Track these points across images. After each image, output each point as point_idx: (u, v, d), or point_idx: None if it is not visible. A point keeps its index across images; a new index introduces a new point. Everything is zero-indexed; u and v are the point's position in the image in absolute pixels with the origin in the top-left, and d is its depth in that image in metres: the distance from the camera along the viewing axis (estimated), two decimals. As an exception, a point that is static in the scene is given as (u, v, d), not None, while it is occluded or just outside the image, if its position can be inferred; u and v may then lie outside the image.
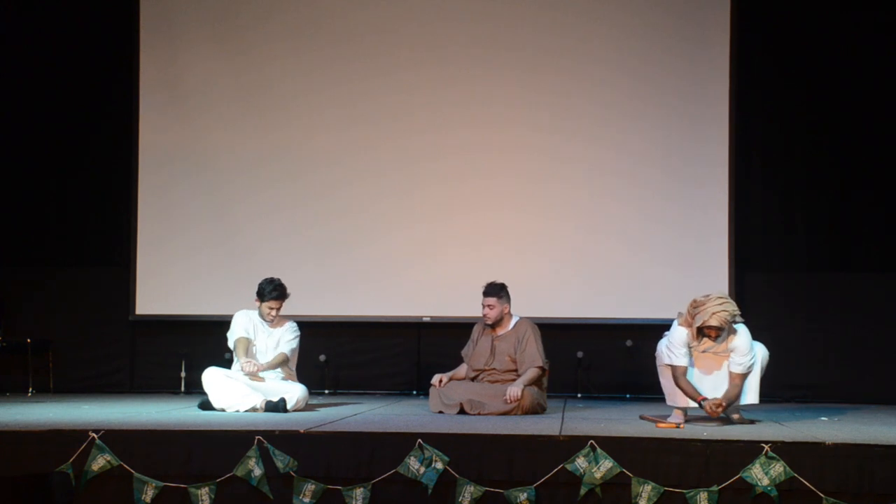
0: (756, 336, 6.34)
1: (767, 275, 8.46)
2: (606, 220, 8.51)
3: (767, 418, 6.55)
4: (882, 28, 8.41)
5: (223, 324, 8.74)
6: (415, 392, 8.66)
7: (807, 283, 8.45)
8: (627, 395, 8.43)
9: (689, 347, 6.21)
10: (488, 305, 7.10)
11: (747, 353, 6.17)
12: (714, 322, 6.01)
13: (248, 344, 7.09)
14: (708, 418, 6.30)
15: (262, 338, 7.20)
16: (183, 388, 8.75)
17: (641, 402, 7.91)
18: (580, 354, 8.49)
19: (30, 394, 8.43)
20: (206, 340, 8.85)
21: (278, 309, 7.16)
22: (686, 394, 6.19)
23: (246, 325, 7.17)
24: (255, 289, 7.22)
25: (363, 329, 8.80)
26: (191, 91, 8.90)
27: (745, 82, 8.47)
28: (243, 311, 7.27)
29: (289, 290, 7.18)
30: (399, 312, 8.66)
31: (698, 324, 6.07)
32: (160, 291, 8.86)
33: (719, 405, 6.06)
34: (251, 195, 8.81)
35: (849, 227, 8.44)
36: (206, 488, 5.32)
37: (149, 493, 5.32)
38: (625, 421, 6.34)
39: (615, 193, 8.51)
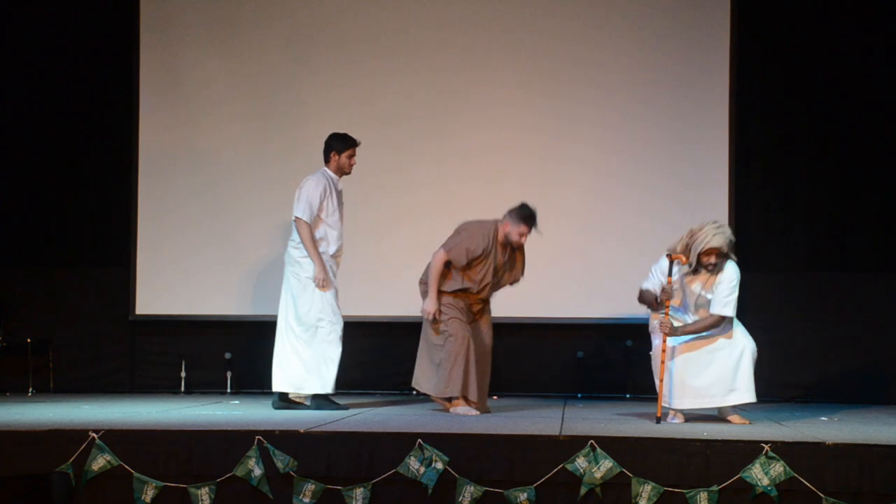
0: (756, 336, 6.35)
1: (767, 275, 8.46)
2: (606, 220, 8.52)
3: (767, 418, 6.55)
4: (883, 28, 8.42)
5: (223, 324, 8.80)
6: (415, 392, 8.65)
7: (807, 283, 8.45)
8: (627, 395, 8.43)
9: (680, 282, 6.21)
10: (526, 235, 6.87)
11: (731, 289, 6.16)
12: (716, 242, 6.00)
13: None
14: (706, 418, 6.31)
15: (336, 200, 7.22)
16: (183, 388, 8.75)
17: (641, 402, 7.91)
18: (580, 354, 8.49)
19: (30, 394, 8.43)
20: (206, 340, 8.87)
21: None
22: (647, 301, 6.26)
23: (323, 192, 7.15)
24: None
25: (363, 329, 8.79)
26: (191, 91, 8.90)
27: (745, 83, 8.47)
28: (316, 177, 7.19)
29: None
30: (399, 312, 8.66)
31: (701, 248, 6.03)
32: (160, 291, 8.86)
33: (670, 326, 6.11)
34: (251, 195, 8.81)
35: (849, 227, 8.44)
36: (206, 488, 5.32)
37: (149, 493, 5.32)
38: (625, 421, 6.35)
39: (615, 194, 8.51)
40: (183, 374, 8.78)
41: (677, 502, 5.10)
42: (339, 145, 7.28)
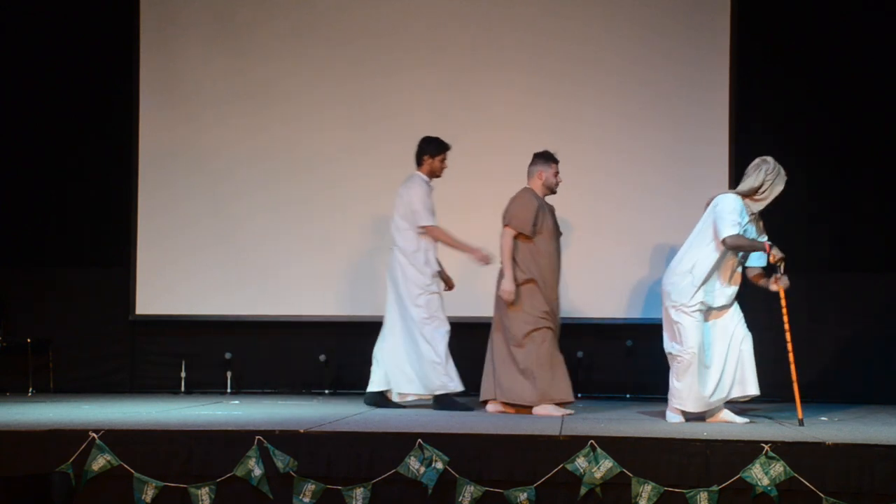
0: (757, 336, 6.37)
1: (767, 275, 8.46)
2: (606, 220, 8.52)
3: (767, 418, 6.55)
4: (884, 27, 8.41)
5: (223, 324, 8.80)
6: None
7: (807, 283, 8.44)
8: (627, 395, 8.42)
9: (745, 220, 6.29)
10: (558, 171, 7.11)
11: None
12: None
13: None
14: (701, 417, 6.32)
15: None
16: (183, 388, 8.75)
17: (641, 402, 7.91)
18: (580, 354, 8.48)
19: (30, 394, 8.43)
20: (206, 340, 8.87)
21: None
22: (752, 248, 6.29)
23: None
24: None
25: (363, 329, 8.78)
26: (191, 90, 8.90)
27: (745, 83, 8.47)
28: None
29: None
30: (399, 312, 8.65)
31: (784, 180, 6.27)
32: (160, 291, 8.85)
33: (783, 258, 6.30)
34: (251, 193, 8.81)
35: (849, 227, 8.44)
36: (206, 488, 5.32)
37: (149, 493, 5.32)
38: (625, 421, 6.35)
39: (615, 194, 8.51)
40: (183, 374, 8.78)
41: (677, 502, 5.10)
42: (433, 149, 7.33)
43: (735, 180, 8.37)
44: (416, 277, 7.16)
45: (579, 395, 8.43)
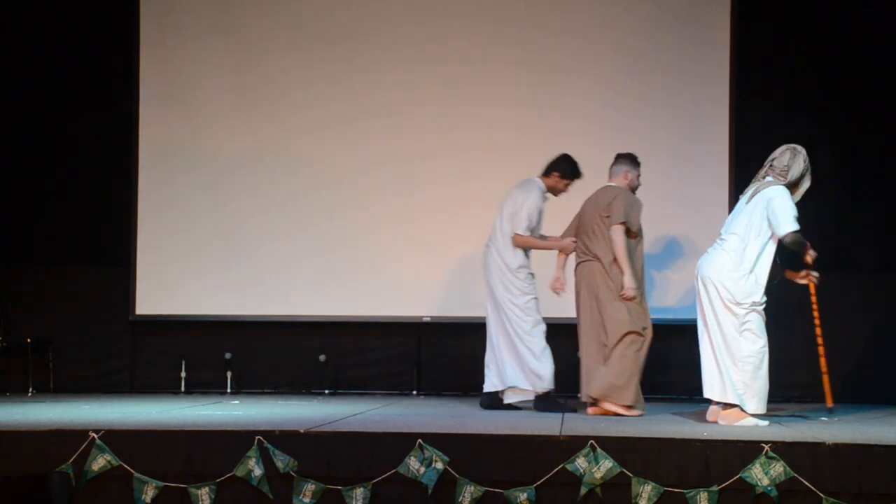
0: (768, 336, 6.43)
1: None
2: (606, 219, 8.52)
3: (767, 418, 6.54)
4: (885, 24, 8.41)
5: (223, 324, 8.80)
6: (415, 392, 8.65)
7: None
8: (627, 395, 8.40)
9: None
10: None
11: None
12: None
13: None
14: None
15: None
16: (183, 388, 8.75)
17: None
18: (580, 355, 8.47)
19: (30, 394, 8.43)
20: (206, 340, 8.87)
21: None
22: (803, 246, 6.38)
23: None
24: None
25: (363, 329, 8.80)
26: (191, 88, 8.91)
27: (745, 84, 8.47)
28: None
29: None
30: (399, 312, 8.66)
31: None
32: (160, 291, 8.86)
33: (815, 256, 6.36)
34: (251, 192, 8.81)
35: (849, 227, 8.44)
36: (206, 488, 5.32)
37: (149, 493, 5.32)
38: (625, 421, 6.35)
39: (615, 193, 8.51)
40: (183, 374, 8.78)
41: (677, 502, 5.09)
42: (566, 171, 7.26)
43: (735, 180, 8.39)
44: (513, 280, 7.14)
45: (579, 395, 8.43)
